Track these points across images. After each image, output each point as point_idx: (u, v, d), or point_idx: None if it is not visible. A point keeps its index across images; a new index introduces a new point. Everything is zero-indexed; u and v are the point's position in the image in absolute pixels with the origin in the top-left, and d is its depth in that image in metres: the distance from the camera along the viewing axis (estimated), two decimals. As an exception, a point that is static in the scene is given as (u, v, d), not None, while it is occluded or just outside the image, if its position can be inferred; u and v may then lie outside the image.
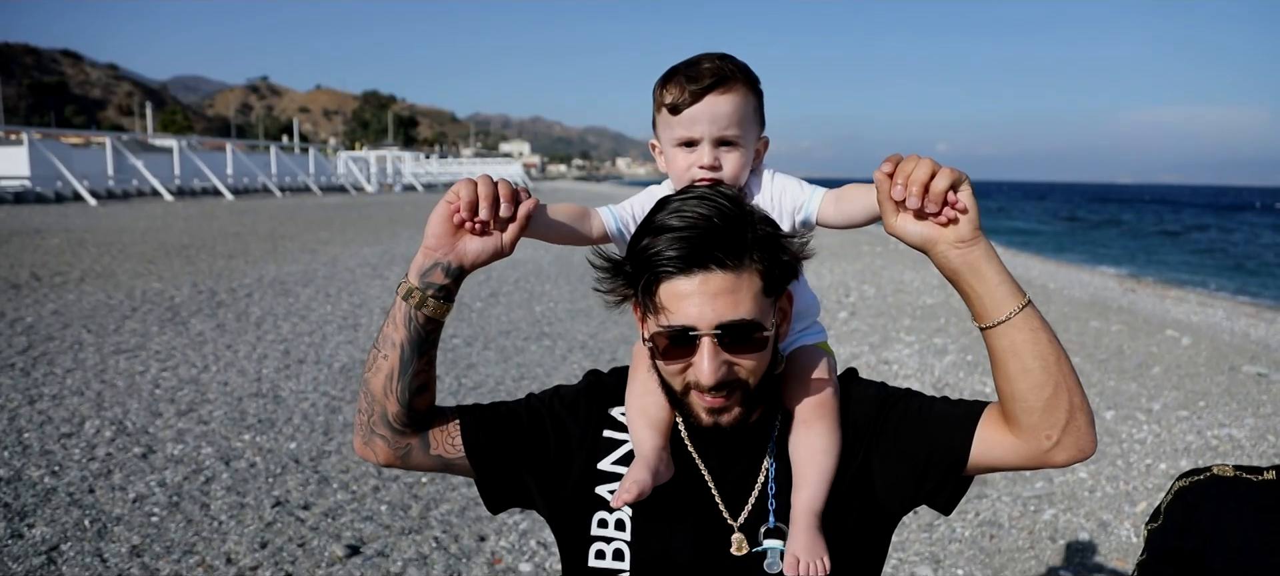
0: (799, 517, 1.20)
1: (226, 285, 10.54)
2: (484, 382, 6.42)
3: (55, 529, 3.63)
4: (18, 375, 6.00)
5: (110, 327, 7.74)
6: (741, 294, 1.10)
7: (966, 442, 1.20)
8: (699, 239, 1.08)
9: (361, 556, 3.51)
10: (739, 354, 1.13)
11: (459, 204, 1.12)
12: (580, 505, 1.29)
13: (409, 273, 1.18)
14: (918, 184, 1.06)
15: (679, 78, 1.26)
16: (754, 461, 1.28)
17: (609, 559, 1.27)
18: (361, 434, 1.26)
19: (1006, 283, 1.10)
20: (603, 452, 1.31)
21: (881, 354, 7.30)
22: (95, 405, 5.40)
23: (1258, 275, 23.29)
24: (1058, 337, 1.12)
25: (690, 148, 1.27)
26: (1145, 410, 5.45)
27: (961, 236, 1.08)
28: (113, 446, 4.67)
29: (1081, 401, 1.11)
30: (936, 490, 1.24)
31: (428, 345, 1.20)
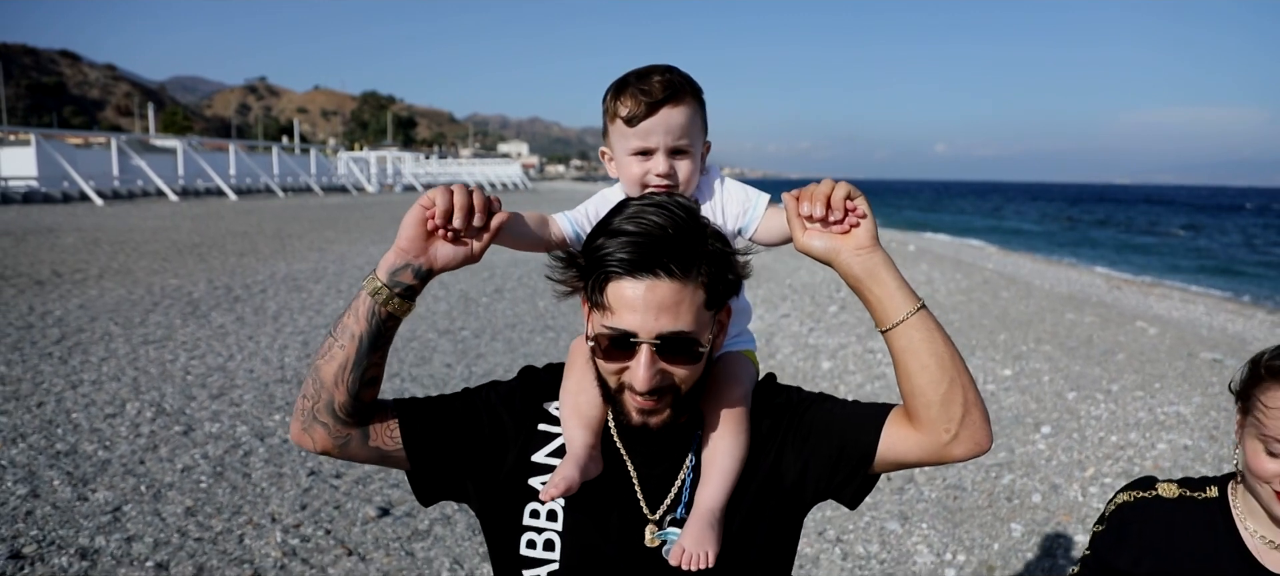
0: (696, 511, 1.24)
1: (241, 281, 10.95)
2: (493, 371, 6.83)
3: (116, 493, 4.05)
4: (56, 363, 6.41)
5: (136, 321, 8.15)
6: (684, 306, 1.14)
7: (874, 440, 1.26)
8: (651, 245, 1.11)
9: (391, 516, 3.93)
10: (675, 363, 1.17)
11: (434, 212, 1.15)
12: (513, 495, 1.32)
13: (378, 269, 1.19)
14: (820, 197, 1.17)
15: (632, 91, 1.31)
16: (677, 459, 1.32)
17: (540, 548, 1.30)
18: (301, 420, 1.25)
19: (903, 288, 1.19)
20: (537, 445, 1.34)
21: (867, 344, 7.73)
22: (133, 389, 5.81)
23: (1244, 274, 23.72)
24: (953, 341, 1.20)
25: (645, 157, 1.33)
26: (1104, 391, 5.89)
27: (861, 243, 1.17)
28: (155, 425, 5.08)
29: (975, 398, 1.19)
30: (845, 484, 1.30)
31: (384, 340, 1.21)
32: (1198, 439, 5.02)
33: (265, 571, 3.38)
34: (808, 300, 10.52)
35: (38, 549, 3.47)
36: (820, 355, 7.47)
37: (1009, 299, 11.02)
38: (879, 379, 6.59)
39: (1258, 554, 1.42)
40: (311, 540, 3.67)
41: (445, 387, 6.26)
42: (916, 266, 14.69)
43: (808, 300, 10.52)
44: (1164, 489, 1.50)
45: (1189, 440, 4.97)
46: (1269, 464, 1.35)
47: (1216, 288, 19.41)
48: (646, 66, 1.33)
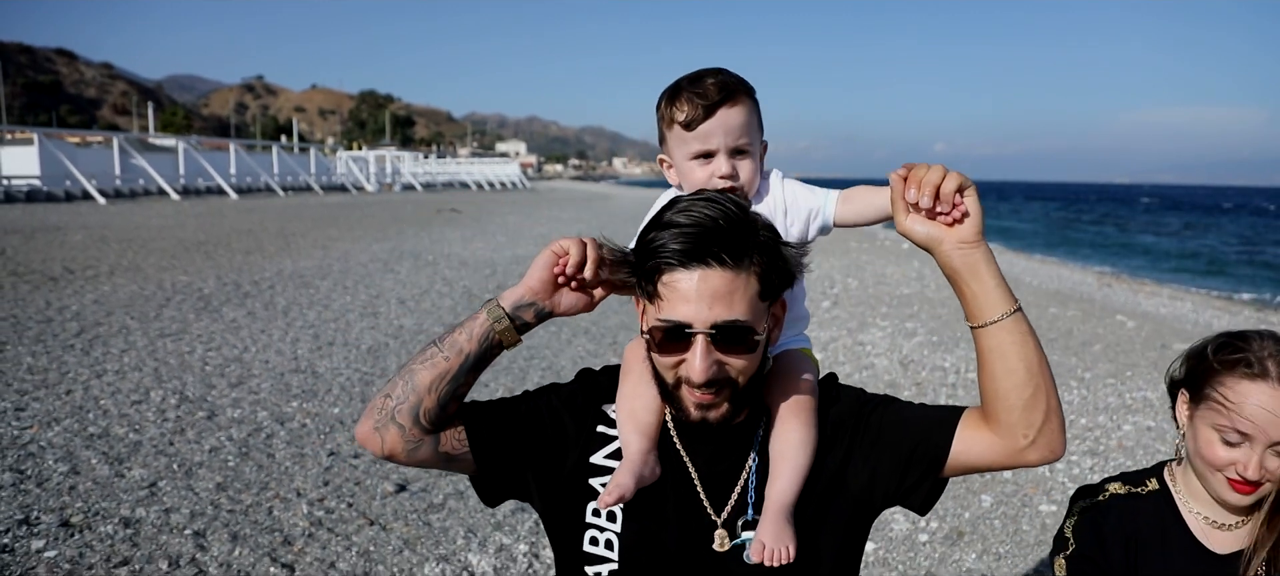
0: (770, 507, 1.23)
1: (249, 278, 11.23)
2: (498, 364, 7.13)
3: (150, 470, 4.34)
4: (79, 354, 6.70)
5: (150, 315, 8.43)
6: (737, 295, 1.14)
7: (947, 442, 1.24)
8: (702, 236, 1.12)
9: (408, 492, 4.22)
10: (731, 354, 1.16)
11: (567, 263, 1.18)
12: (575, 495, 1.33)
13: (502, 298, 1.23)
14: (930, 186, 1.13)
15: (687, 95, 1.31)
16: (739, 459, 1.31)
17: (601, 547, 1.31)
18: (375, 420, 1.25)
19: (1001, 287, 1.17)
20: (596, 447, 1.35)
21: (857, 337, 8.04)
22: (155, 378, 6.09)
23: (1235, 273, 24.06)
24: (1041, 346, 1.19)
25: (706, 160, 1.32)
26: (1078, 378, 6.21)
27: (965, 238, 1.15)
28: (179, 410, 5.37)
29: (1056, 405, 1.18)
30: (914, 488, 1.28)
31: (486, 363, 1.26)
32: (1161, 421, 5.34)
33: (295, 539, 3.68)
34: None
35: (85, 519, 3.76)
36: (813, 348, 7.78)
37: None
38: (867, 369, 6.90)
39: (1203, 536, 1.47)
40: (335, 512, 3.96)
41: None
42: (909, 263, 15.03)
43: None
44: (1111, 488, 1.53)
45: (1152, 422, 5.30)
46: (1223, 452, 1.38)
47: (1206, 286, 19.74)
48: (698, 71, 1.34)
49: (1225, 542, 1.46)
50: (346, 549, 3.61)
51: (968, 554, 3.72)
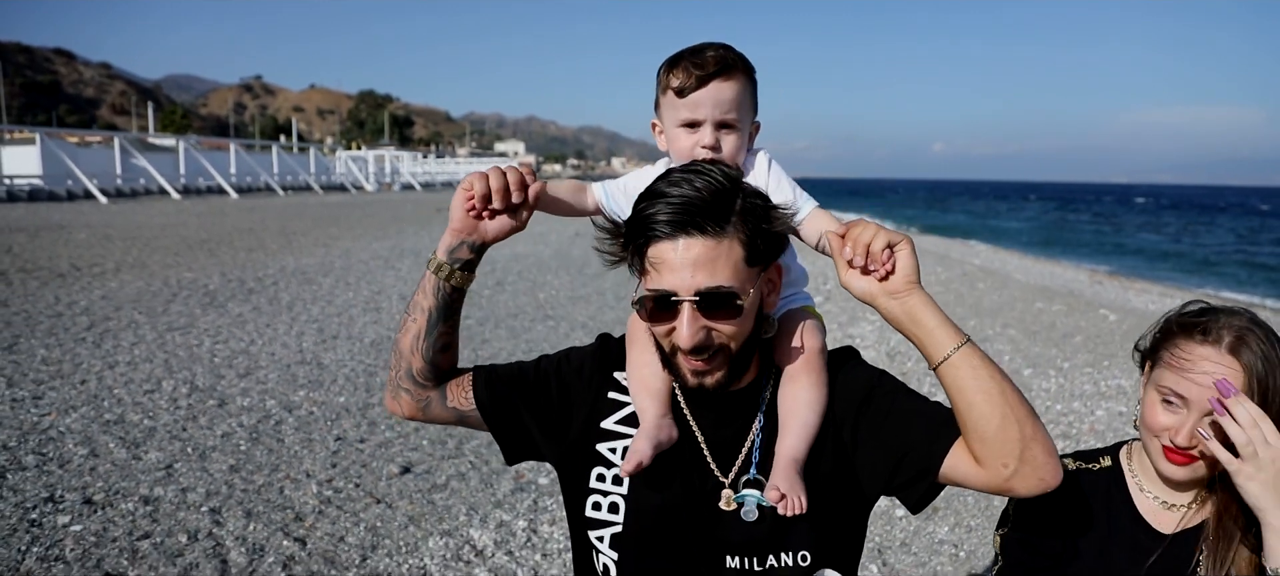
0: (780, 460, 1.25)
1: (253, 275, 11.43)
2: (496, 355, 7.32)
3: (165, 454, 4.55)
4: (91, 347, 6.90)
5: (158, 310, 8.63)
6: (721, 262, 1.16)
7: (941, 454, 1.24)
8: (686, 206, 1.15)
9: (413, 474, 4.43)
10: (717, 319, 1.19)
11: (475, 196, 1.25)
12: (581, 459, 1.37)
13: (437, 250, 1.31)
14: (861, 245, 1.17)
15: (685, 63, 1.33)
16: (745, 423, 1.33)
17: (604, 511, 1.34)
18: (391, 389, 1.39)
19: (944, 326, 1.18)
20: (606, 412, 1.38)
21: (847, 330, 8.26)
22: (166, 369, 6.30)
23: (1228, 272, 24.28)
24: (1003, 372, 1.18)
25: (693, 128, 1.35)
26: (1057, 367, 6.43)
27: (895, 288, 1.18)
28: (190, 399, 5.57)
29: (1034, 432, 1.16)
30: (907, 487, 1.28)
31: (452, 311, 1.33)
32: (1134, 406, 5.50)
33: (305, 515, 3.88)
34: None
35: (106, 497, 3.97)
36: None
37: (984, 289, 11.62)
38: (855, 361, 7.11)
39: (1151, 516, 1.45)
40: (343, 491, 4.17)
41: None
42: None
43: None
44: (1066, 463, 1.50)
45: (1124, 408, 5.51)
46: (1163, 416, 1.37)
47: (1199, 285, 19.96)
48: (702, 43, 1.37)
49: (1172, 523, 1.43)
50: (355, 525, 3.82)
51: (940, 526, 3.93)
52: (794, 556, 1.28)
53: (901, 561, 3.67)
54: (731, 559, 1.28)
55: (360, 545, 3.63)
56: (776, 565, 1.28)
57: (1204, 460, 1.35)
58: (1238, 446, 1.25)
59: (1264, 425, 1.25)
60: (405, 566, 3.49)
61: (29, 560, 3.35)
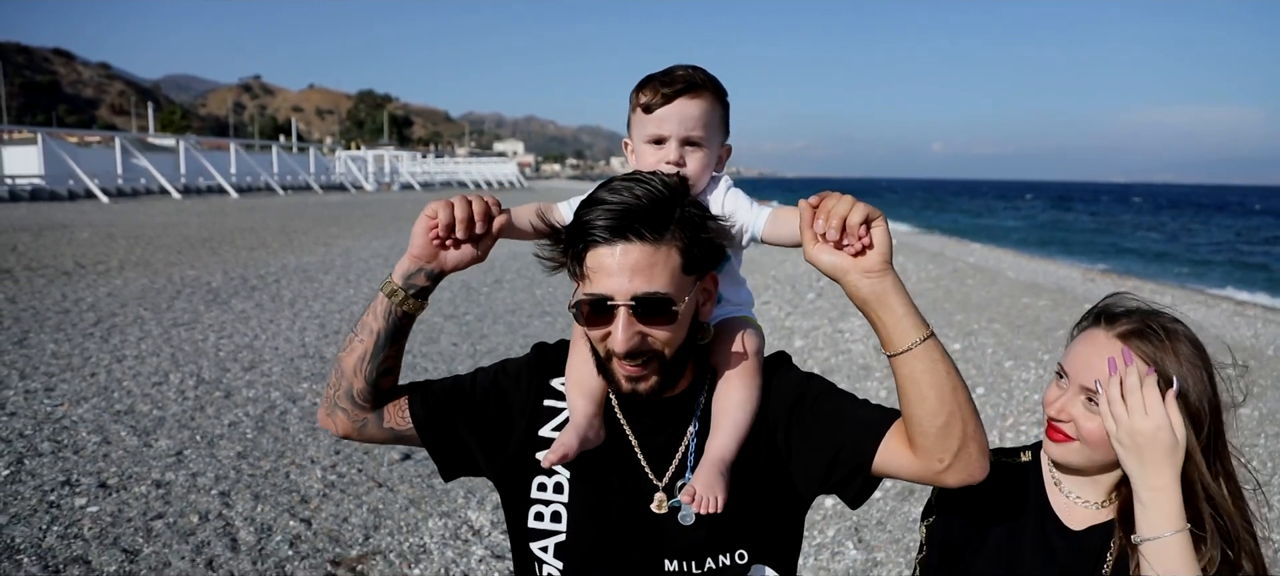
0: (706, 459, 1.26)
1: (255, 272, 11.61)
2: (495, 350, 7.52)
3: (175, 441, 4.73)
4: (98, 341, 7.08)
5: (163, 306, 8.81)
6: (658, 269, 1.17)
7: (872, 449, 1.26)
8: (625, 212, 1.16)
9: (413, 460, 4.61)
10: (652, 325, 1.19)
11: (438, 225, 1.22)
12: (522, 469, 1.37)
13: (393, 274, 1.28)
14: (837, 217, 1.13)
15: (654, 82, 1.35)
16: (680, 427, 1.34)
17: (547, 520, 1.35)
18: (325, 406, 1.36)
19: (911, 315, 1.15)
20: (543, 420, 1.38)
21: (837, 326, 8.45)
22: (173, 362, 6.48)
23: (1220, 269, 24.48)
24: (957, 370, 1.19)
25: (659, 145, 1.36)
26: (1037, 359, 6.61)
27: (869, 267, 1.14)
28: (197, 391, 5.75)
29: (975, 431, 1.18)
30: (844, 483, 1.31)
31: (400, 335, 1.31)
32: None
33: (311, 498, 4.07)
34: (789, 289, 11.23)
35: (120, 481, 4.15)
36: (794, 335, 8.19)
37: (973, 286, 11.84)
38: (843, 353, 7.31)
39: (1063, 512, 1.45)
40: (347, 476, 4.35)
41: (452, 362, 6.95)
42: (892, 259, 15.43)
43: (789, 289, 11.23)
44: None
45: (1102, 399, 5.66)
46: (1052, 389, 1.41)
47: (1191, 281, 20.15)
48: (675, 65, 1.39)
49: (1082, 519, 1.44)
50: (358, 506, 4.00)
51: (917, 507, 4.11)
52: (731, 556, 1.31)
53: (877, 538, 3.85)
54: (669, 562, 1.31)
55: (363, 525, 3.82)
56: (714, 566, 1.30)
57: (1079, 444, 1.35)
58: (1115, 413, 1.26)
59: (1148, 394, 1.25)
60: (406, 544, 3.67)
61: (50, 537, 3.53)
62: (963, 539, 1.47)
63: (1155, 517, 1.25)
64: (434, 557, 3.58)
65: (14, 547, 3.43)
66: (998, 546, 1.45)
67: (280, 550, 3.54)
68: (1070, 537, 1.42)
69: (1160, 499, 1.25)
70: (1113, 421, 1.27)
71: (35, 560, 3.34)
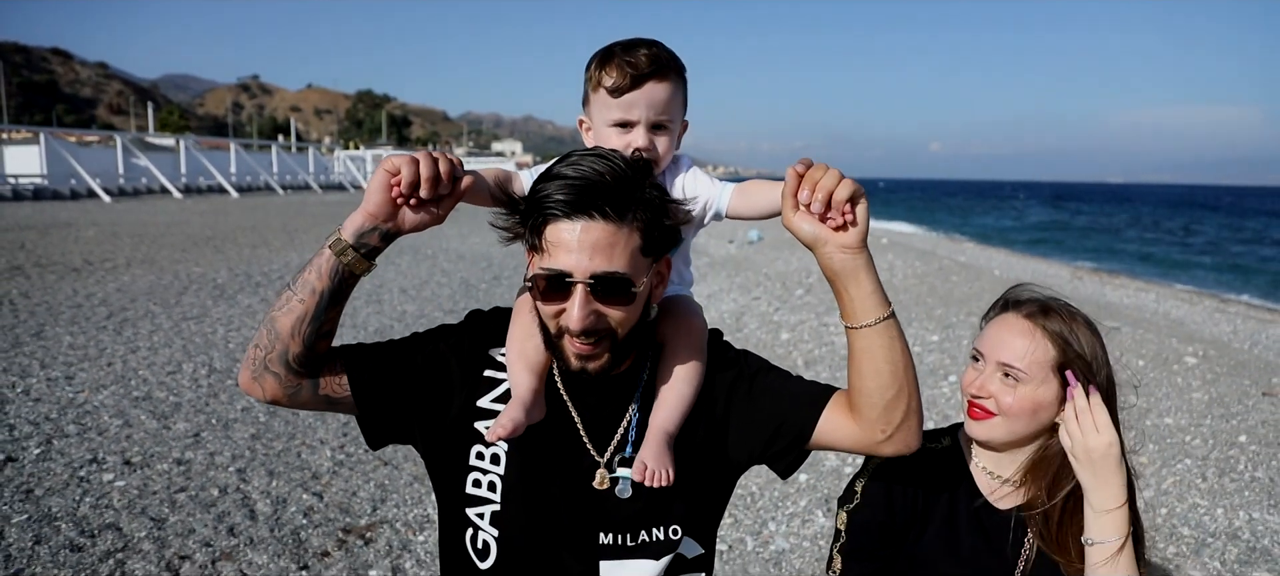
0: (652, 433, 1.27)
1: (259, 269, 11.90)
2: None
3: (192, 424, 5.03)
4: (112, 334, 7.37)
5: (171, 301, 9.10)
6: (618, 248, 1.15)
7: (812, 421, 1.30)
8: (587, 189, 1.13)
9: (415, 441, 4.92)
10: (609, 304, 1.18)
11: (400, 182, 1.15)
12: (459, 438, 1.34)
13: (343, 230, 1.19)
14: (824, 190, 1.14)
15: (619, 62, 1.30)
16: (621, 405, 1.34)
17: (484, 488, 1.33)
18: (252, 370, 1.25)
19: (877, 293, 1.19)
20: (483, 391, 1.35)
21: (823, 319, 8.76)
22: (185, 353, 6.77)
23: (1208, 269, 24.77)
24: (909, 349, 1.24)
25: (625, 129, 1.33)
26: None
27: (847, 243, 1.16)
28: (210, 380, 6.05)
29: (917, 406, 1.23)
30: (780, 456, 1.34)
31: (343, 296, 1.23)
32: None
33: (322, 474, 4.37)
34: (778, 286, 11.54)
35: (143, 459, 4.45)
36: (781, 329, 8.49)
37: (957, 282, 12.17)
38: (826, 344, 7.61)
39: (987, 490, 1.52)
40: (355, 455, 4.65)
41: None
42: (882, 256, 15.75)
43: (778, 286, 11.54)
44: None
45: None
46: (969, 372, 1.49)
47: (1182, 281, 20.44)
48: (633, 39, 1.34)
49: (1008, 499, 1.51)
50: (365, 481, 4.30)
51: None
52: (666, 531, 1.33)
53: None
54: (604, 535, 1.32)
55: (371, 498, 4.12)
56: (648, 539, 1.32)
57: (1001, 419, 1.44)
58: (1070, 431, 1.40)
59: (1097, 414, 1.38)
60: (410, 515, 3.97)
61: (83, 507, 3.83)
62: (905, 521, 1.50)
63: (1107, 524, 1.38)
64: (436, 527, 3.88)
65: (51, 516, 3.73)
66: (937, 530, 1.50)
67: (295, 519, 3.84)
68: (998, 516, 1.50)
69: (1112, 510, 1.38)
70: (1068, 439, 1.40)
71: (72, 526, 3.64)
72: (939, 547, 1.50)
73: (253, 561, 3.43)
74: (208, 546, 3.53)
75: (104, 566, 3.32)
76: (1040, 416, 1.44)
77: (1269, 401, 5.75)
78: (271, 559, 3.46)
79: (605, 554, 1.32)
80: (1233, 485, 4.43)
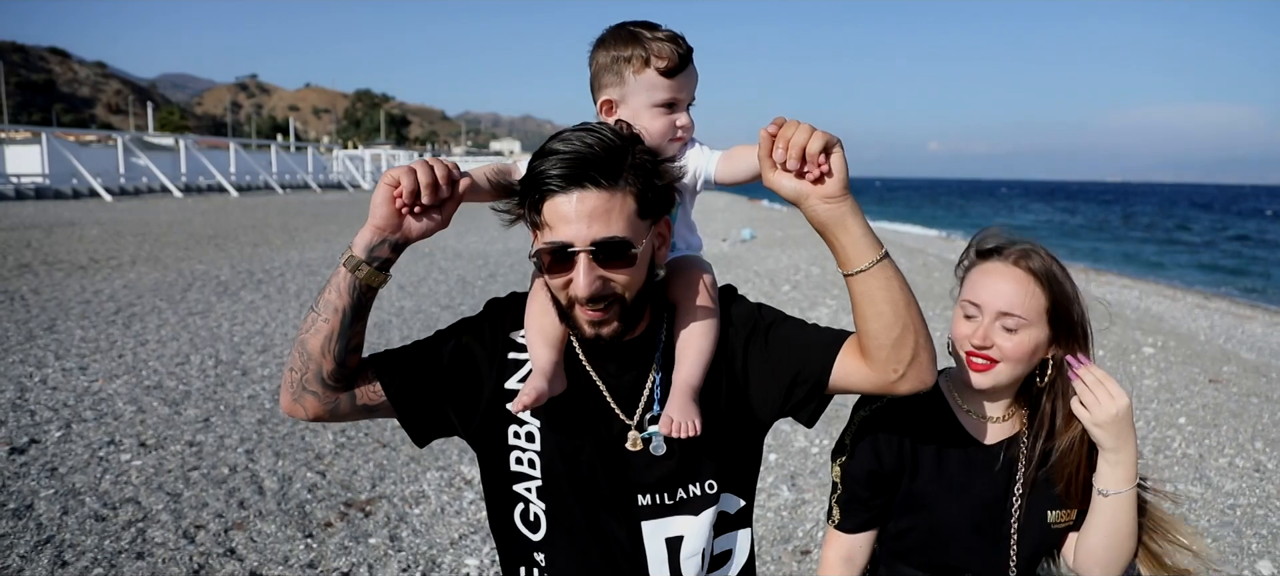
0: (676, 388, 1.30)
1: (261, 267, 12.20)
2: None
3: (201, 410, 5.34)
4: (121, 328, 7.68)
5: (176, 297, 9.41)
6: (615, 213, 1.19)
7: (828, 366, 1.31)
8: (579, 161, 1.18)
9: (412, 426, 5.23)
10: (612, 269, 1.22)
11: (402, 193, 1.19)
12: (495, 421, 1.39)
13: (354, 247, 1.24)
14: (796, 147, 1.16)
15: (661, 42, 1.33)
16: (644, 368, 1.37)
17: (526, 465, 1.38)
18: (291, 392, 1.30)
19: (867, 237, 1.21)
20: (509, 372, 1.39)
21: (807, 314, 9.07)
22: (192, 346, 7.08)
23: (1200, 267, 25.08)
24: (909, 287, 1.25)
25: (669, 110, 1.35)
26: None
27: (829, 193, 1.18)
28: (218, 370, 6.36)
29: (925, 342, 1.24)
30: (802, 404, 1.35)
31: (365, 310, 1.27)
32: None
33: (324, 455, 4.68)
34: (768, 282, 11.86)
35: (157, 441, 4.76)
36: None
37: (939, 276, 12.51)
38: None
39: (974, 430, 1.57)
40: (355, 438, 4.96)
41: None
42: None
43: (768, 282, 11.86)
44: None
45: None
46: (964, 326, 1.51)
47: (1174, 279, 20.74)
48: (643, 21, 1.37)
49: (993, 434, 1.57)
50: (365, 462, 4.62)
51: (847, 461, 4.75)
52: (701, 486, 1.37)
53: (807, 483, 4.47)
54: (643, 497, 1.36)
55: (370, 476, 4.43)
56: (686, 496, 1.37)
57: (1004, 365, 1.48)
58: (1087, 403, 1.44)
59: (1108, 383, 1.44)
60: (408, 491, 4.29)
61: (104, 483, 4.15)
62: (894, 467, 1.56)
63: (1121, 475, 1.45)
64: (431, 501, 4.19)
65: (76, 491, 4.05)
66: (930, 469, 1.56)
67: (300, 494, 4.16)
68: (986, 451, 1.56)
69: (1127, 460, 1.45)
70: (1086, 413, 1.44)
71: (96, 499, 3.96)
72: (935, 487, 1.56)
73: (262, 530, 3.75)
74: (220, 517, 3.85)
75: (127, 534, 3.64)
76: (1036, 356, 1.50)
77: (1214, 387, 6.07)
78: (279, 528, 3.77)
79: (645, 514, 1.37)
80: (1165, 461, 4.76)
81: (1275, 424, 5.65)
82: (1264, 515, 4.25)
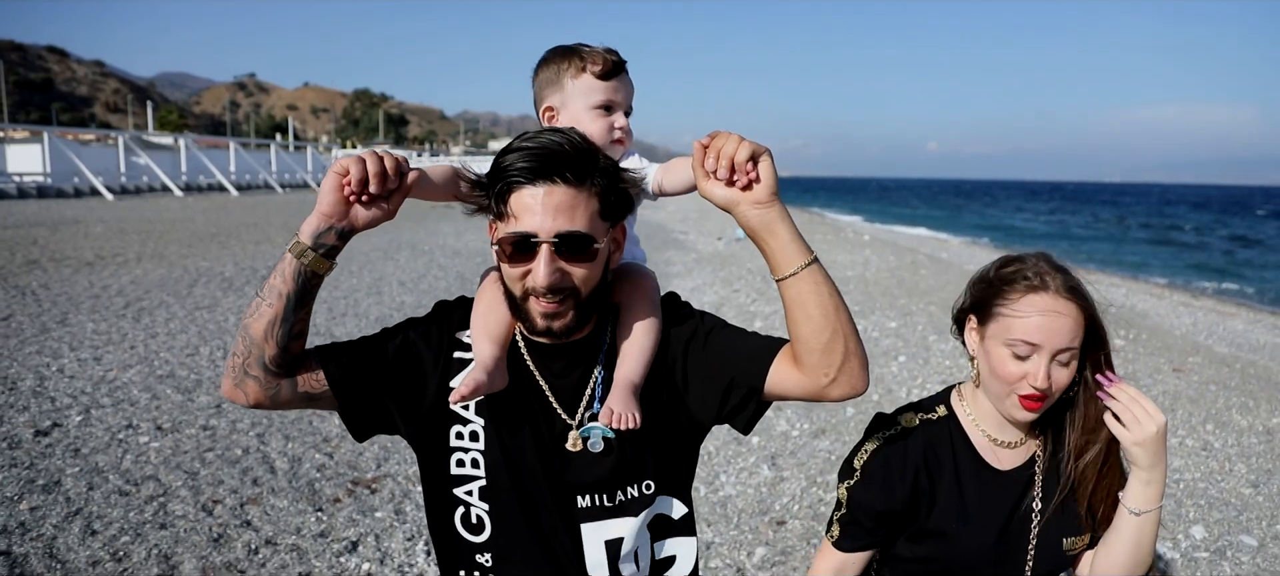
0: (618, 383, 1.32)
1: (264, 264, 12.46)
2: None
3: (213, 398, 5.60)
4: (131, 322, 7.94)
5: (184, 293, 9.67)
6: (579, 210, 1.24)
7: (763, 373, 1.34)
8: (548, 156, 1.23)
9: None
10: (573, 263, 1.25)
11: (351, 181, 1.21)
12: (439, 421, 1.39)
13: (301, 233, 1.25)
14: (726, 156, 1.21)
15: (598, 52, 1.43)
16: (587, 369, 1.39)
17: (468, 466, 1.38)
18: (233, 376, 1.31)
19: (796, 242, 1.24)
20: (454, 372, 1.40)
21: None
22: (201, 338, 7.34)
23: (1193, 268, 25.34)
24: (840, 293, 1.27)
25: (606, 112, 1.42)
26: (958, 336, 7.53)
27: (757, 199, 1.22)
28: (226, 362, 6.62)
29: (856, 348, 1.26)
30: (738, 409, 1.38)
31: (309, 296, 1.28)
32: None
33: (331, 438, 4.94)
34: (758, 279, 12.12)
35: (173, 425, 5.03)
36: (756, 319, 9.08)
37: (926, 274, 12.82)
38: (796, 333, 8.20)
39: (987, 454, 1.54)
40: (360, 423, 5.23)
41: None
42: (859, 251, 16.37)
43: (758, 279, 12.12)
44: (905, 420, 1.56)
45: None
46: (1014, 366, 1.42)
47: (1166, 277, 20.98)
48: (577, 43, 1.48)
49: (1009, 460, 1.54)
50: (371, 444, 4.88)
51: (825, 441, 5.01)
52: (639, 487, 1.39)
53: (787, 463, 4.75)
54: (583, 498, 1.38)
55: (375, 458, 4.70)
56: (624, 498, 1.38)
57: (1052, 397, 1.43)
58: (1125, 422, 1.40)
59: (1143, 401, 1.40)
60: (411, 470, 4.55)
61: (125, 462, 4.41)
62: (908, 505, 1.51)
63: (1153, 493, 1.43)
64: (433, 479, 4.46)
65: (99, 469, 4.31)
66: (947, 501, 1.52)
67: (309, 473, 4.42)
68: (1002, 477, 1.53)
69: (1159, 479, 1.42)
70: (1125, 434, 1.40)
71: (118, 476, 4.22)
72: (952, 517, 1.52)
73: (275, 505, 4.01)
74: (236, 493, 4.11)
75: (149, 507, 3.90)
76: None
77: (1177, 376, 6.34)
78: (291, 503, 4.04)
79: (585, 516, 1.38)
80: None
81: (1229, 408, 5.94)
82: (1204, 487, 4.54)
